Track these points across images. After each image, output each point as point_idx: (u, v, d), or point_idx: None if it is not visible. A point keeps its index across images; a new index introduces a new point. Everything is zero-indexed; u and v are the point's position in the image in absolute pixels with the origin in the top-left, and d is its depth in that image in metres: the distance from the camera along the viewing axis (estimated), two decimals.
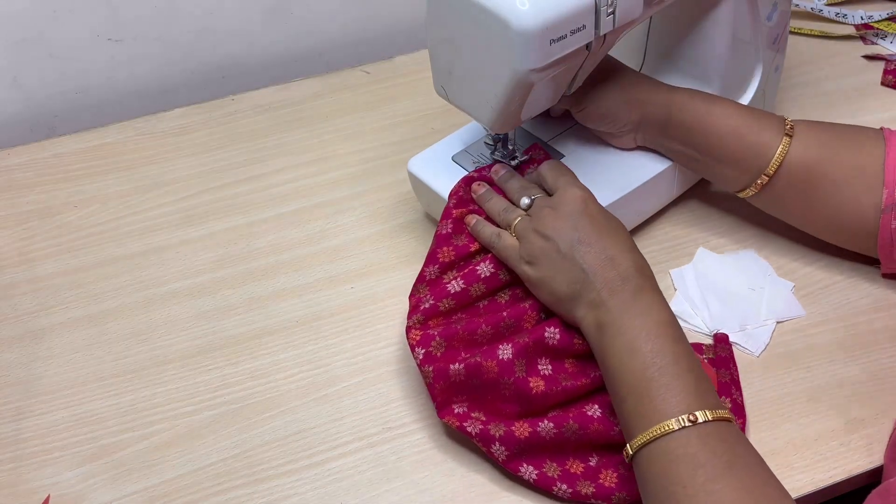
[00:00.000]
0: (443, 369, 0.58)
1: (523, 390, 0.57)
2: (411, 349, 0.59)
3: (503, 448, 0.56)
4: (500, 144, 0.68)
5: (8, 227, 0.78)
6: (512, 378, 0.57)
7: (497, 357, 0.57)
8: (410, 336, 0.60)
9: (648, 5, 0.60)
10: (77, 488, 0.59)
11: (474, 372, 0.57)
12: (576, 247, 0.57)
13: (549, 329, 0.58)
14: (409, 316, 0.61)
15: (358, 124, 0.87)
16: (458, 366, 0.57)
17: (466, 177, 0.66)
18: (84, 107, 0.94)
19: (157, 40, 0.91)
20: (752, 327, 0.65)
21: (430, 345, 0.59)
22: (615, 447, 0.57)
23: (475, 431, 0.57)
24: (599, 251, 0.57)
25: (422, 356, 0.59)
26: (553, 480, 0.56)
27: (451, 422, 0.58)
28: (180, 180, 0.82)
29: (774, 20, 0.72)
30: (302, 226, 0.77)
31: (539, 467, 0.56)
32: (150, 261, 0.74)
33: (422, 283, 0.62)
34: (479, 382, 0.57)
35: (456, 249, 0.63)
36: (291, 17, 0.95)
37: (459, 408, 0.58)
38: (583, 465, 0.57)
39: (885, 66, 0.89)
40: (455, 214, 0.64)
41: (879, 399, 0.61)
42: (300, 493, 0.58)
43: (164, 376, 0.66)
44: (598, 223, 0.59)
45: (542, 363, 0.59)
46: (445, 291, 0.61)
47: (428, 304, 0.61)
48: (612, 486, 0.56)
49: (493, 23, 0.53)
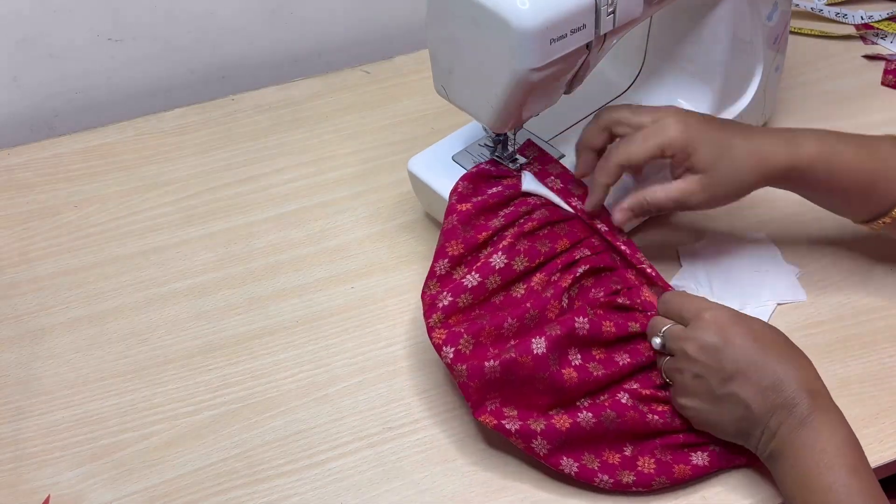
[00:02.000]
0: (477, 367, 0.57)
1: (558, 382, 0.57)
2: (437, 349, 0.58)
3: (545, 442, 0.56)
4: (500, 146, 0.68)
5: (8, 227, 0.78)
6: (547, 372, 0.57)
7: (532, 352, 0.57)
8: (434, 336, 0.58)
9: (648, 5, 0.60)
10: (77, 488, 0.59)
11: (510, 368, 0.57)
12: (730, 383, 0.53)
13: (579, 319, 0.58)
14: (428, 315, 0.59)
15: (358, 124, 0.87)
16: (494, 363, 0.56)
17: (465, 174, 0.66)
18: (84, 107, 0.93)
19: (157, 40, 0.91)
20: (753, 307, 0.66)
21: (458, 342, 0.58)
22: (649, 435, 0.57)
23: (514, 429, 0.56)
24: (758, 380, 0.52)
25: (452, 355, 0.57)
26: (594, 472, 0.56)
27: (487, 421, 0.57)
28: (180, 180, 0.82)
29: (775, 20, 0.72)
30: (302, 226, 0.77)
31: (578, 460, 0.56)
32: (150, 261, 0.74)
33: (432, 279, 0.61)
34: (514, 378, 0.57)
35: (464, 241, 0.62)
36: (292, 17, 0.95)
37: (491, 404, 0.58)
38: (619, 456, 0.57)
39: (885, 66, 0.89)
40: (459, 209, 0.64)
41: (879, 399, 0.61)
42: (300, 493, 0.58)
43: (164, 376, 0.66)
44: (747, 347, 0.53)
45: (572, 353, 0.59)
46: (462, 287, 0.60)
47: (446, 301, 0.59)
48: (651, 473, 0.56)
49: (493, 22, 0.53)
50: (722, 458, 0.57)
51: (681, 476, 0.57)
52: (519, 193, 0.65)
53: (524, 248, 0.62)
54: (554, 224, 0.64)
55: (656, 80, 0.75)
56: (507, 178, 0.66)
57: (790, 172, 0.60)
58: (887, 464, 0.58)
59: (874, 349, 0.64)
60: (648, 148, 0.60)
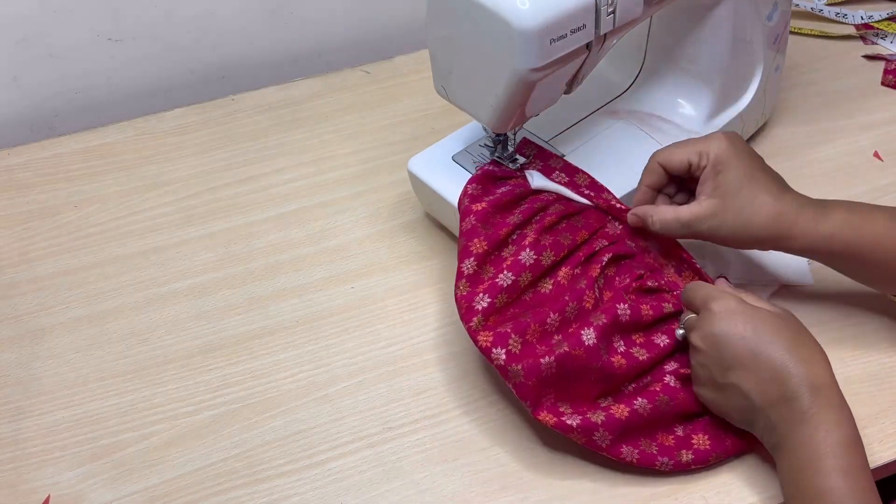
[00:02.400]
0: (534, 365, 0.56)
1: (609, 371, 0.57)
2: (486, 352, 0.57)
3: (607, 433, 0.56)
4: (500, 146, 0.68)
5: (8, 227, 0.78)
6: (599, 362, 0.57)
7: (584, 344, 0.57)
8: (480, 339, 0.57)
9: (648, 5, 0.60)
10: (77, 488, 0.59)
11: (564, 362, 0.57)
12: (731, 374, 0.53)
13: (621, 306, 0.59)
14: (467, 319, 0.59)
15: (358, 124, 0.87)
16: (549, 359, 0.56)
17: (472, 177, 0.66)
18: (84, 107, 0.93)
19: (157, 40, 0.91)
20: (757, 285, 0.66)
21: (507, 343, 0.57)
22: (698, 413, 0.58)
23: (575, 423, 0.56)
24: (757, 371, 0.52)
25: (504, 356, 0.57)
26: (654, 456, 0.57)
27: (546, 420, 0.56)
28: (180, 180, 0.82)
29: (775, 20, 0.72)
30: (302, 226, 0.77)
31: (637, 446, 0.57)
32: (150, 261, 0.74)
33: (461, 280, 0.61)
34: (568, 372, 0.57)
35: (487, 238, 0.62)
36: (292, 17, 0.95)
37: (548, 401, 0.57)
38: (672, 437, 0.58)
39: (885, 66, 0.89)
40: (475, 209, 0.63)
41: (879, 399, 0.61)
42: (300, 493, 0.58)
43: (164, 376, 0.66)
44: (749, 338, 0.53)
45: (616, 341, 0.59)
46: (498, 287, 0.59)
47: (484, 302, 0.59)
48: (707, 449, 0.57)
49: (493, 22, 0.53)
50: None
51: (734, 448, 0.58)
52: (530, 191, 0.65)
53: (549, 243, 0.62)
54: (570, 216, 0.65)
55: (656, 80, 0.75)
56: (513, 179, 0.66)
57: (809, 238, 0.58)
58: (887, 464, 0.58)
59: (874, 349, 0.64)
60: (688, 150, 0.60)
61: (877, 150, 0.80)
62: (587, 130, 0.72)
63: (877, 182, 0.77)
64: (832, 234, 0.58)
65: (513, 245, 0.63)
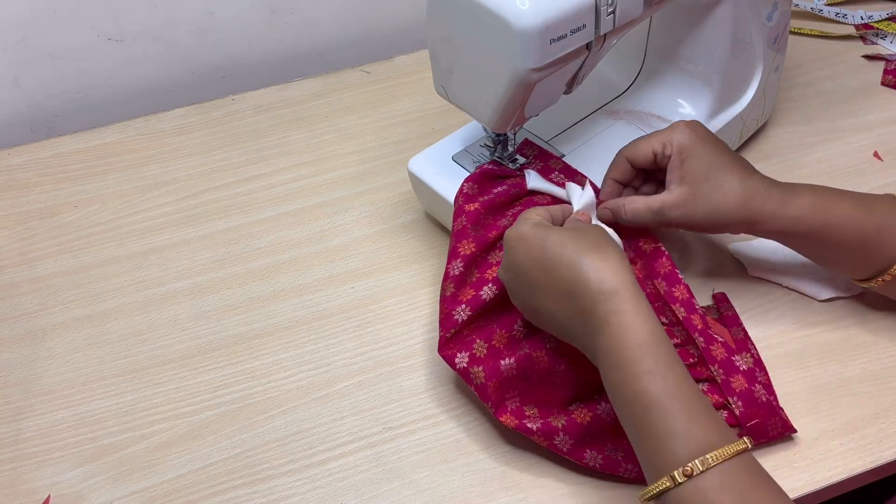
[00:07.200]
0: (494, 366, 0.57)
1: (573, 375, 0.57)
2: (450, 359, 0.58)
3: (567, 437, 0.56)
4: (500, 146, 0.68)
5: (8, 227, 0.78)
6: (563, 366, 0.57)
7: (545, 347, 0.57)
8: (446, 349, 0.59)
9: (648, 5, 0.60)
10: (77, 488, 0.59)
11: (525, 363, 0.57)
12: (535, 299, 0.54)
13: None
14: (444, 327, 0.59)
15: (358, 124, 0.87)
16: (509, 360, 0.57)
17: (469, 175, 0.66)
18: (84, 107, 0.94)
19: (157, 40, 0.91)
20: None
21: (472, 348, 0.59)
22: None
23: (536, 427, 0.57)
24: (555, 290, 0.52)
25: (467, 360, 0.58)
26: (618, 462, 0.57)
27: (508, 422, 0.57)
28: (180, 180, 0.82)
29: (774, 20, 0.73)
30: (302, 226, 0.77)
31: (601, 451, 0.57)
32: (150, 261, 0.74)
33: (447, 281, 0.61)
34: (530, 373, 0.57)
35: (475, 240, 0.62)
36: (292, 17, 0.95)
37: (512, 404, 0.58)
38: None
39: (885, 66, 0.89)
40: (468, 209, 0.64)
41: (879, 399, 0.61)
42: (300, 493, 0.58)
43: (164, 376, 0.66)
44: (537, 258, 0.53)
45: None
46: (480, 301, 0.59)
47: (464, 315, 0.59)
48: None
49: (493, 22, 0.53)
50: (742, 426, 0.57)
51: None
52: (525, 192, 0.65)
53: None
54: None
55: (656, 80, 0.75)
56: (511, 178, 0.66)
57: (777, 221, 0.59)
58: (887, 464, 0.58)
59: (874, 349, 0.64)
60: (652, 141, 0.61)
61: (877, 150, 0.80)
62: (587, 130, 0.72)
63: (876, 182, 0.77)
64: (799, 216, 0.58)
65: (500, 250, 0.63)
